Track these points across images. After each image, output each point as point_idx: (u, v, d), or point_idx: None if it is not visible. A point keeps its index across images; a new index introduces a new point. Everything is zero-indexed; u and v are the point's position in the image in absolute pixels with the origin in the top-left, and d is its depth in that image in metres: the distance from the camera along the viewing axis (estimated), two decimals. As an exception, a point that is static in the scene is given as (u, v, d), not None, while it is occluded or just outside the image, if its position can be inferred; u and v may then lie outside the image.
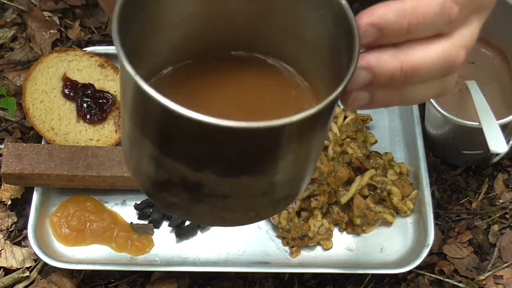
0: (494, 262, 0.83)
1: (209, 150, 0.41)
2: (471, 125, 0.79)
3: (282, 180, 0.44)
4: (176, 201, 0.46)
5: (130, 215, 0.85)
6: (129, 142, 0.45)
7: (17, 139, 0.92)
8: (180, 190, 0.44)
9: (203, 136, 0.39)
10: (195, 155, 0.41)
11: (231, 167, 0.42)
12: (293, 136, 0.41)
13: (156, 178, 0.45)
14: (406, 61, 0.43)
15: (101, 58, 0.92)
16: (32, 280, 0.82)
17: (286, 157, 0.42)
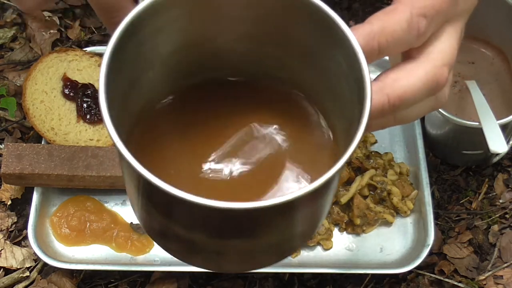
0: (494, 262, 0.83)
1: (197, 221, 0.41)
2: (471, 125, 0.79)
3: (281, 240, 0.44)
4: (174, 248, 0.46)
5: (130, 215, 0.85)
6: (126, 185, 0.46)
7: (17, 139, 0.92)
8: (175, 242, 0.45)
9: (189, 210, 0.39)
10: (183, 220, 0.42)
11: (222, 232, 0.41)
12: (292, 209, 0.40)
13: (154, 227, 0.45)
14: (391, 93, 0.44)
15: (101, 58, 0.92)
16: (32, 280, 0.82)
17: (282, 225, 0.41)
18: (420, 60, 0.45)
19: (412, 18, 0.43)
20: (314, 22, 0.42)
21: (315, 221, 0.45)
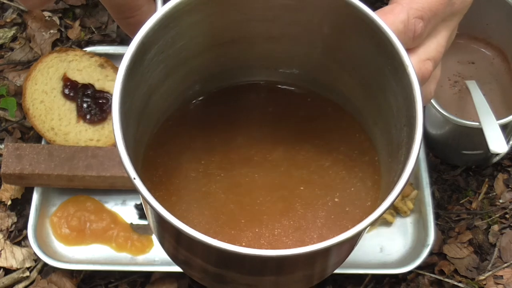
0: (494, 262, 0.83)
1: (229, 263, 0.41)
2: (471, 125, 0.79)
3: (314, 273, 0.44)
4: (199, 276, 0.46)
5: (130, 215, 0.85)
6: (150, 220, 0.45)
7: (17, 139, 0.92)
8: (201, 272, 0.45)
9: (218, 255, 0.39)
10: (213, 259, 0.41)
11: (254, 271, 0.41)
12: (327, 253, 0.41)
13: (176, 255, 0.45)
14: None
15: (101, 58, 0.92)
16: (32, 280, 0.82)
17: (319, 262, 0.43)
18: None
19: (408, 20, 0.43)
20: (373, 43, 0.41)
21: (348, 253, 0.45)
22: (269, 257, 0.36)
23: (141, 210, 0.84)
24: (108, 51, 0.95)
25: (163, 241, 0.46)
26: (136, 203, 0.85)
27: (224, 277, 0.43)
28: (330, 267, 0.45)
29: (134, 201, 0.85)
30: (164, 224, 0.41)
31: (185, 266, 0.46)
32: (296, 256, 0.36)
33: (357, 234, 0.37)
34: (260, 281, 0.43)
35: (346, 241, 0.37)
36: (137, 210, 0.85)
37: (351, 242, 0.41)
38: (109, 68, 0.91)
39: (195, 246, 0.40)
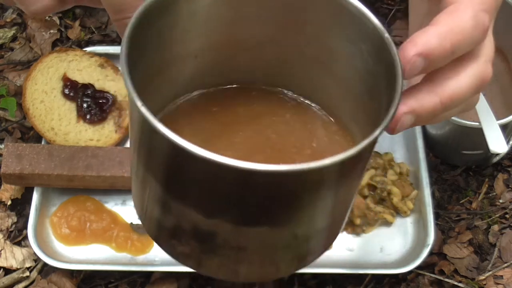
0: (494, 262, 0.83)
1: (225, 196, 0.36)
2: (471, 125, 0.79)
3: (307, 233, 0.40)
4: (185, 251, 0.41)
5: (130, 215, 0.85)
6: (136, 180, 0.42)
7: (17, 139, 0.92)
8: (190, 239, 0.40)
9: (219, 179, 0.35)
10: (208, 200, 0.37)
11: (249, 216, 0.37)
12: (323, 183, 0.37)
13: (164, 223, 0.41)
14: (443, 93, 0.44)
15: (101, 58, 0.92)
16: (32, 280, 0.82)
17: (313, 206, 0.38)
18: (465, 58, 0.45)
19: (476, 15, 0.43)
20: (334, 13, 0.41)
21: (342, 211, 0.43)
22: (286, 172, 0.33)
23: (141, 210, 0.84)
24: (108, 51, 0.95)
25: (143, 198, 0.41)
26: (136, 203, 0.85)
27: (215, 239, 0.39)
28: (322, 231, 0.42)
29: (134, 201, 0.85)
30: (153, 151, 0.36)
31: (170, 239, 0.42)
32: (306, 173, 0.33)
33: (364, 149, 0.35)
34: (250, 239, 0.39)
35: (357, 159, 0.35)
36: (137, 210, 0.85)
37: (347, 179, 0.39)
38: (109, 68, 0.91)
39: (188, 179, 0.36)
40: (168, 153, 0.36)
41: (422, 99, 0.44)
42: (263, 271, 0.43)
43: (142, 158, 0.39)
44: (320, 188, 0.38)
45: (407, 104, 0.43)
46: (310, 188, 0.37)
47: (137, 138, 0.39)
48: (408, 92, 0.44)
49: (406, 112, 0.44)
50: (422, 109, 0.44)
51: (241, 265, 0.42)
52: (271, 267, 0.43)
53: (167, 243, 0.43)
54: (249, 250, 0.40)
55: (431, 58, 0.42)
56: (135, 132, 0.39)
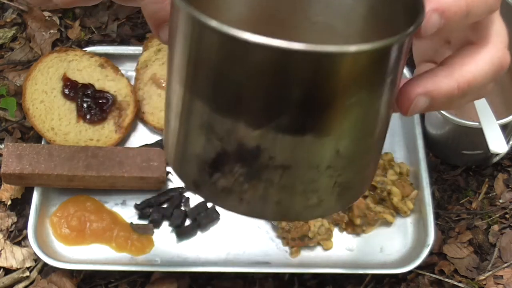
0: (494, 262, 0.83)
1: (270, 93, 0.37)
2: (471, 125, 0.79)
3: (347, 151, 0.41)
4: (228, 184, 0.41)
5: (130, 215, 0.85)
6: (176, 119, 0.42)
7: (17, 139, 0.92)
8: (234, 165, 0.40)
9: (266, 69, 0.36)
10: (254, 104, 0.38)
11: (294, 119, 0.38)
12: (365, 74, 0.38)
13: (208, 154, 0.41)
14: (460, 77, 0.43)
15: (101, 58, 0.92)
16: (32, 280, 0.82)
17: (353, 110, 0.39)
18: (482, 44, 0.45)
19: None
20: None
21: (380, 135, 0.43)
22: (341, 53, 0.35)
23: (141, 210, 0.84)
24: (108, 51, 0.95)
25: (183, 136, 0.42)
26: (136, 203, 0.85)
27: (260, 157, 0.39)
28: (366, 151, 0.43)
29: (134, 201, 0.85)
30: (202, 58, 0.38)
31: (212, 174, 0.42)
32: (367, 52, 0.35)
33: (402, 42, 0.36)
34: (299, 151, 0.40)
35: (400, 48, 0.36)
36: (137, 210, 0.85)
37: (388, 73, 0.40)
38: (109, 68, 0.91)
39: (238, 79, 0.37)
40: (219, 51, 0.37)
41: (439, 82, 0.43)
42: (305, 203, 0.42)
43: (190, 79, 0.39)
44: (363, 83, 0.38)
45: (422, 86, 0.42)
46: (355, 79, 0.38)
47: (176, 53, 0.40)
48: (423, 75, 0.43)
49: (420, 94, 0.42)
50: (437, 92, 0.43)
51: (285, 193, 0.42)
52: (313, 197, 0.42)
53: (208, 182, 0.42)
54: (293, 170, 0.40)
55: (447, 15, 0.41)
56: (180, 48, 0.39)
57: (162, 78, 0.92)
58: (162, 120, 0.90)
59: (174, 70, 0.41)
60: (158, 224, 0.84)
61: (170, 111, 0.43)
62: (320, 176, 0.41)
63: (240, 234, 0.83)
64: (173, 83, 0.42)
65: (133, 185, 0.84)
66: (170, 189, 0.86)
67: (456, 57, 0.44)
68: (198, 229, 0.84)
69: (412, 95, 0.42)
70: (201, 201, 0.85)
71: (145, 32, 1.02)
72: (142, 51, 0.94)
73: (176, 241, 0.83)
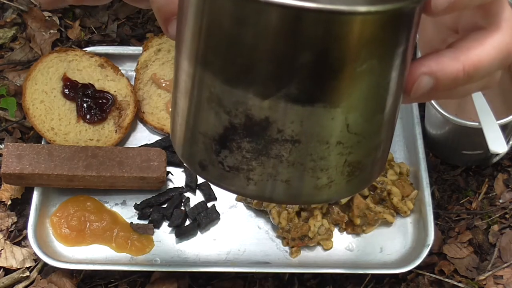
0: (494, 262, 0.83)
1: (280, 58, 0.37)
2: (471, 125, 0.79)
3: (357, 127, 0.40)
4: (235, 162, 0.41)
5: (130, 215, 0.85)
6: (185, 98, 0.42)
7: (17, 139, 0.92)
8: (242, 140, 0.40)
9: (275, 30, 0.36)
10: (264, 71, 0.38)
11: (304, 87, 0.38)
12: (375, 38, 0.38)
13: (215, 130, 0.40)
14: (466, 60, 0.42)
15: (101, 58, 0.92)
16: (32, 280, 0.82)
17: (363, 79, 0.39)
18: (491, 30, 0.44)
19: None
20: None
21: (390, 112, 0.42)
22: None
23: (141, 210, 0.85)
24: (108, 51, 0.95)
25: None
26: (136, 203, 0.85)
27: (269, 130, 0.39)
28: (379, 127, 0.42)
29: (134, 201, 0.85)
30: (214, 24, 0.38)
31: (220, 152, 0.41)
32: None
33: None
34: (309, 123, 0.39)
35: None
36: (137, 210, 0.85)
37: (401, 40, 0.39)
38: (109, 68, 0.91)
39: (249, 46, 0.37)
40: (229, 14, 0.37)
41: (444, 63, 0.42)
42: (315, 183, 0.41)
43: (199, 51, 0.39)
44: (374, 49, 0.38)
45: (426, 65, 0.42)
46: (365, 44, 0.37)
47: (192, 26, 0.39)
48: (429, 55, 0.42)
49: (425, 73, 0.41)
50: (442, 73, 0.42)
51: (294, 171, 0.41)
52: (323, 176, 0.41)
53: (216, 162, 0.42)
54: (302, 145, 0.40)
55: None
56: (190, 20, 0.39)
57: (162, 78, 0.92)
58: (162, 120, 0.90)
59: (183, 46, 0.41)
60: (158, 224, 0.84)
61: (177, 92, 0.43)
62: (330, 153, 0.40)
63: (240, 234, 0.83)
64: (182, 61, 0.41)
65: (133, 185, 0.84)
66: (170, 189, 0.86)
67: (463, 40, 0.44)
68: (198, 229, 0.84)
69: (416, 74, 0.42)
70: (201, 200, 0.85)
71: (145, 32, 1.02)
72: (142, 51, 0.94)
73: (176, 241, 0.83)
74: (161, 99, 0.91)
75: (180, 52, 0.42)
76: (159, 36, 0.95)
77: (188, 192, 0.86)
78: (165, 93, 0.92)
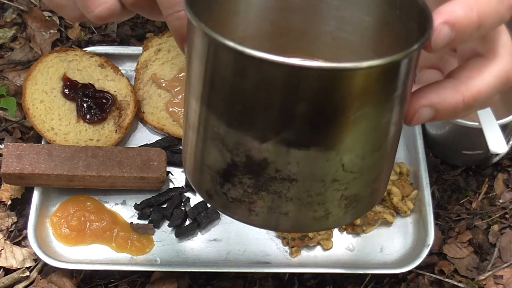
0: (494, 262, 0.83)
1: (278, 108, 0.39)
2: (471, 125, 0.79)
3: (353, 166, 0.42)
4: (238, 195, 0.43)
5: (130, 215, 0.85)
6: (193, 132, 0.44)
7: (17, 139, 0.92)
8: (243, 176, 0.42)
9: (274, 84, 0.38)
10: (263, 118, 0.40)
11: (300, 134, 0.40)
12: (368, 91, 0.39)
13: (219, 165, 0.43)
14: (466, 92, 0.43)
15: (101, 58, 0.92)
16: (32, 280, 0.82)
17: (359, 125, 0.40)
18: (489, 57, 0.44)
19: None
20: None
21: (381, 152, 0.43)
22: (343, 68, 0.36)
23: (141, 210, 0.85)
24: (108, 51, 0.95)
25: (199, 150, 0.44)
26: (136, 203, 0.85)
27: (267, 169, 0.41)
28: (377, 165, 0.44)
29: (134, 201, 0.85)
30: (219, 74, 0.40)
31: (223, 185, 0.44)
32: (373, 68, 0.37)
33: (411, 57, 0.38)
34: (305, 164, 0.41)
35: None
36: (137, 210, 0.85)
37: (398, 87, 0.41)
38: (109, 68, 0.91)
39: (250, 94, 0.39)
40: (230, 67, 0.39)
41: (444, 94, 0.43)
42: (313, 215, 0.44)
43: (204, 94, 0.41)
44: (368, 99, 0.39)
45: (427, 97, 0.43)
46: (359, 96, 0.39)
47: (198, 70, 0.41)
48: (429, 86, 0.43)
49: (425, 105, 0.43)
50: (442, 105, 0.43)
51: (292, 204, 0.43)
52: (320, 209, 0.43)
53: (220, 192, 0.44)
54: (299, 182, 0.42)
55: (458, 27, 0.41)
56: (196, 64, 0.41)
57: (162, 78, 0.92)
58: (162, 120, 0.90)
59: (191, 86, 0.43)
60: (158, 224, 0.84)
61: (187, 124, 0.45)
62: (326, 189, 0.42)
63: (240, 234, 0.83)
64: (190, 98, 0.44)
65: (133, 185, 0.84)
66: (170, 189, 0.86)
67: (463, 69, 0.44)
68: (198, 229, 0.84)
69: (417, 106, 0.43)
70: (201, 200, 0.85)
71: (145, 32, 1.02)
72: (142, 51, 0.94)
73: (176, 241, 0.83)
74: (161, 99, 0.91)
75: (188, 88, 0.44)
76: (159, 36, 0.95)
77: (188, 192, 0.87)
78: (165, 93, 0.92)
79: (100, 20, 0.48)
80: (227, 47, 0.37)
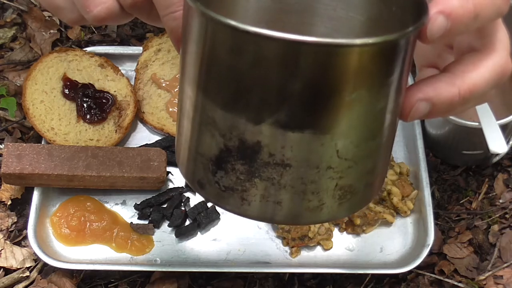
0: (494, 262, 0.83)
1: (273, 86, 0.39)
2: (471, 125, 0.79)
3: (348, 153, 0.41)
4: (230, 183, 0.43)
5: (130, 215, 0.85)
6: (186, 120, 0.44)
7: (17, 139, 0.92)
8: (236, 162, 0.42)
9: (269, 61, 0.38)
10: (257, 97, 0.40)
11: (294, 114, 0.39)
12: (363, 71, 0.39)
13: (212, 151, 0.42)
14: (462, 85, 0.43)
15: (101, 58, 0.92)
16: (32, 280, 0.82)
17: (353, 108, 0.40)
18: (486, 52, 0.44)
19: None
20: None
21: (376, 139, 0.43)
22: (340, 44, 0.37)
23: (141, 210, 0.85)
24: (108, 51, 0.95)
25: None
26: (136, 203, 0.85)
27: (260, 153, 0.41)
28: (371, 151, 0.43)
29: (134, 201, 0.85)
30: (215, 54, 0.40)
31: (216, 173, 0.43)
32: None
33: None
34: (299, 148, 0.41)
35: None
36: (137, 210, 0.85)
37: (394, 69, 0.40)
38: (109, 68, 0.91)
39: (245, 74, 0.39)
40: (226, 45, 0.39)
41: (440, 88, 0.43)
42: (306, 205, 0.43)
43: (198, 77, 0.41)
44: (363, 80, 0.39)
45: (423, 91, 0.42)
46: (354, 74, 0.39)
47: (193, 53, 0.41)
48: (425, 81, 0.43)
49: (421, 99, 0.42)
50: (438, 99, 0.43)
51: (285, 193, 0.42)
52: (314, 199, 0.43)
53: (213, 182, 0.44)
54: (293, 169, 0.41)
55: (453, 17, 0.41)
56: (191, 47, 0.41)
57: (162, 78, 0.92)
58: (162, 120, 0.90)
59: (186, 72, 0.43)
60: (158, 224, 0.84)
61: (181, 114, 0.45)
62: (320, 177, 0.42)
63: (240, 234, 0.84)
64: (185, 85, 0.43)
65: (133, 185, 0.84)
66: (170, 189, 0.86)
67: (459, 64, 0.44)
68: (198, 229, 0.84)
69: (413, 100, 0.42)
70: (201, 200, 0.85)
71: (145, 32, 1.02)
72: (142, 51, 0.94)
73: (176, 241, 0.83)
74: (161, 99, 0.91)
75: (182, 75, 0.44)
76: (159, 36, 0.95)
77: (188, 192, 0.87)
78: (165, 93, 0.92)
79: (98, 21, 0.48)
80: (223, 24, 0.37)
